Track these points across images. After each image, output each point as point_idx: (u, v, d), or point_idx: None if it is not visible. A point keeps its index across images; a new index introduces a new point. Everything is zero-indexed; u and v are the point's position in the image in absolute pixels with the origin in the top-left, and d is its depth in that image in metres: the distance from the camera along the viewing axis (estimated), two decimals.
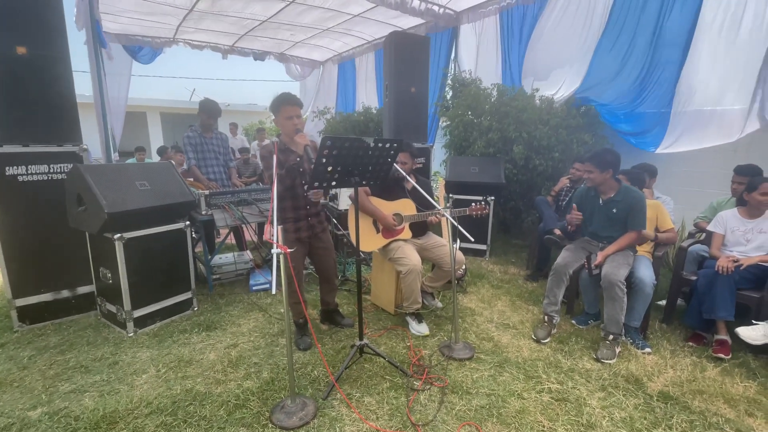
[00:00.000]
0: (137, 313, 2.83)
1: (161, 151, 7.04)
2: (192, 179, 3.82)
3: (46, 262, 2.96)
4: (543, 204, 3.99)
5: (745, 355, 2.57)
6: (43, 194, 2.88)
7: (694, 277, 2.82)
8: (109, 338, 2.80)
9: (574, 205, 2.93)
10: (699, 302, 2.71)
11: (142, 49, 6.98)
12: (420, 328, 2.89)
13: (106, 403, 2.10)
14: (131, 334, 2.81)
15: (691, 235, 3.38)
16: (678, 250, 3.03)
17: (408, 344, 2.73)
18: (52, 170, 2.92)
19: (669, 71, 4.06)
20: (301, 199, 2.57)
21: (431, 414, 2.04)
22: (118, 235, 2.67)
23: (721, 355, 2.53)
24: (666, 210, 3.03)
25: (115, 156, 6.73)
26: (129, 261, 2.73)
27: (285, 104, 2.43)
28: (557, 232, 3.61)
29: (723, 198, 3.28)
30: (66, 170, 2.93)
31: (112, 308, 2.90)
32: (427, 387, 2.26)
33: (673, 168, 4.21)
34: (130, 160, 6.73)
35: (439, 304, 3.33)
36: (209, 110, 3.83)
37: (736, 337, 2.65)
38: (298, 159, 2.38)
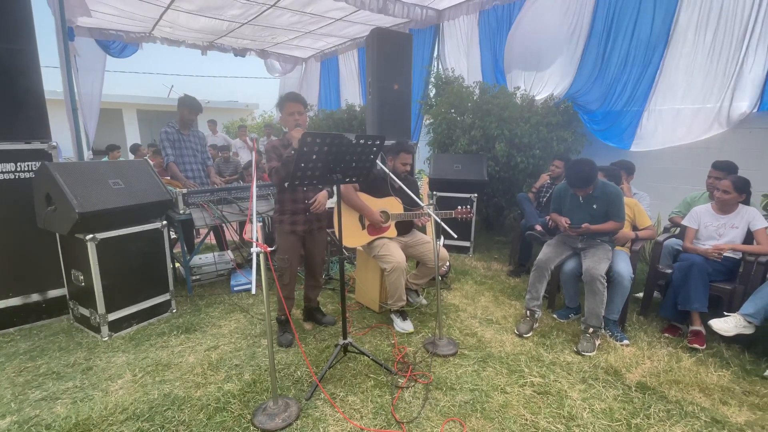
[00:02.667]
0: (112, 317, 2.74)
1: (134, 149, 6.82)
2: (169, 177, 3.71)
3: (13, 264, 2.83)
4: (524, 201, 4.04)
5: (718, 345, 2.66)
6: (9, 194, 2.75)
7: (669, 271, 2.90)
8: (83, 343, 2.69)
9: (563, 218, 2.96)
10: (674, 294, 2.79)
11: (116, 43, 6.75)
12: (404, 326, 2.89)
13: (79, 410, 2.02)
14: (106, 339, 2.71)
15: (666, 230, 3.47)
16: (654, 244, 3.11)
17: (392, 342, 2.73)
18: (19, 168, 2.80)
19: (646, 71, 4.16)
20: (300, 192, 2.59)
21: (416, 411, 2.04)
22: (91, 235, 2.57)
23: (696, 346, 2.61)
24: (643, 208, 3.10)
25: (88, 154, 6.52)
26: (102, 262, 2.63)
27: (288, 100, 2.54)
28: (538, 228, 3.66)
29: (696, 193, 3.38)
30: (34, 168, 2.81)
31: (85, 312, 2.79)
32: (412, 384, 2.26)
33: (648, 165, 4.33)
34: (104, 159, 6.50)
35: (424, 301, 3.33)
36: (190, 105, 3.73)
37: (710, 328, 2.75)
38: (293, 152, 2.37)
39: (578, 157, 4.45)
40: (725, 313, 2.49)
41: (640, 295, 3.24)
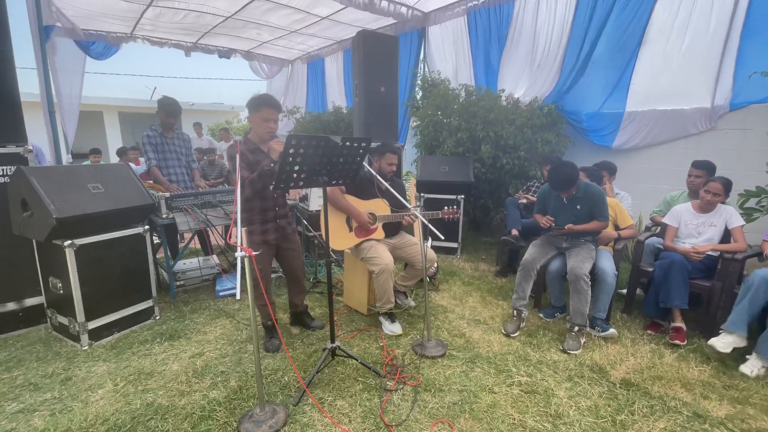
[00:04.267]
0: (92, 325, 2.66)
1: (121, 153, 6.66)
2: (151, 181, 3.63)
3: None
4: (509, 205, 4.10)
5: (699, 340, 2.72)
6: None
7: (651, 269, 2.96)
8: (62, 353, 2.61)
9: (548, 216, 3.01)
10: (656, 292, 2.85)
11: (96, 44, 6.60)
12: (393, 328, 2.88)
13: (57, 422, 1.96)
14: (86, 348, 2.64)
15: (647, 229, 3.55)
16: (636, 243, 3.18)
17: (381, 344, 2.71)
18: None
19: (625, 73, 4.28)
20: (270, 200, 2.52)
21: (404, 414, 2.03)
22: (69, 241, 2.50)
23: (678, 342, 2.67)
24: (624, 208, 3.17)
25: (68, 158, 6.34)
26: (81, 269, 2.56)
27: (266, 105, 2.41)
28: (514, 232, 3.77)
29: (676, 192, 3.47)
30: (9, 173, 2.72)
31: (64, 320, 2.71)
32: (401, 387, 2.25)
33: (629, 165, 4.43)
34: (85, 163, 6.33)
35: (412, 303, 3.33)
36: (168, 109, 3.63)
37: (690, 324, 2.82)
38: (273, 165, 2.31)
39: (561, 158, 4.53)
40: (720, 330, 2.51)
41: (624, 292, 3.30)
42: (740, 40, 3.59)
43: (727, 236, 2.88)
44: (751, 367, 2.38)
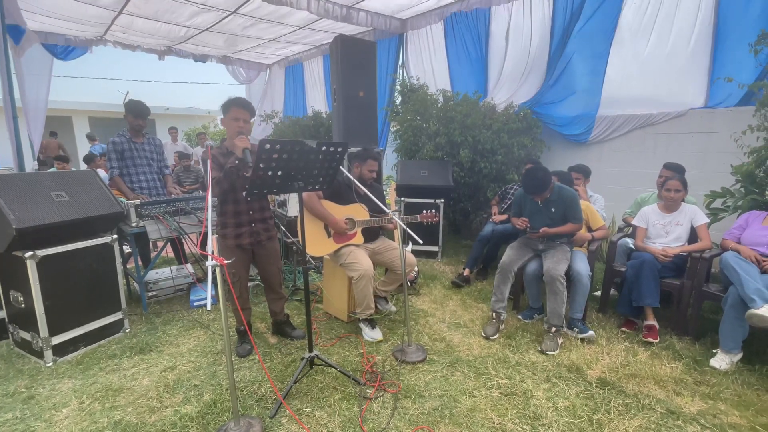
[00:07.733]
0: (56, 340, 2.53)
1: (88, 159, 6.42)
2: (116, 191, 3.50)
3: None
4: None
5: (670, 338, 2.80)
6: None
7: (623, 269, 3.03)
8: (24, 370, 2.48)
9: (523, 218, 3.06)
10: (629, 291, 2.92)
11: (63, 46, 6.37)
12: (373, 334, 2.85)
13: None
14: (50, 364, 2.50)
15: (620, 230, 3.65)
16: (609, 243, 3.25)
17: (361, 351, 2.68)
18: None
19: (598, 77, 4.42)
20: (243, 204, 2.47)
21: (384, 421, 2.01)
22: (30, 253, 2.37)
23: (650, 339, 2.73)
24: (595, 210, 3.24)
25: (33, 164, 6.07)
26: (44, 282, 2.43)
27: (234, 105, 2.39)
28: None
29: (646, 194, 3.58)
30: None
31: (27, 336, 2.57)
32: (380, 394, 2.22)
33: (602, 168, 4.56)
34: (51, 170, 6.07)
35: (393, 308, 3.31)
36: (134, 111, 3.49)
37: (662, 322, 2.89)
38: (237, 162, 2.27)
39: (539, 160, 4.63)
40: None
41: (599, 293, 3.37)
42: (714, 45, 3.75)
43: (694, 234, 2.98)
44: (719, 361, 2.46)
